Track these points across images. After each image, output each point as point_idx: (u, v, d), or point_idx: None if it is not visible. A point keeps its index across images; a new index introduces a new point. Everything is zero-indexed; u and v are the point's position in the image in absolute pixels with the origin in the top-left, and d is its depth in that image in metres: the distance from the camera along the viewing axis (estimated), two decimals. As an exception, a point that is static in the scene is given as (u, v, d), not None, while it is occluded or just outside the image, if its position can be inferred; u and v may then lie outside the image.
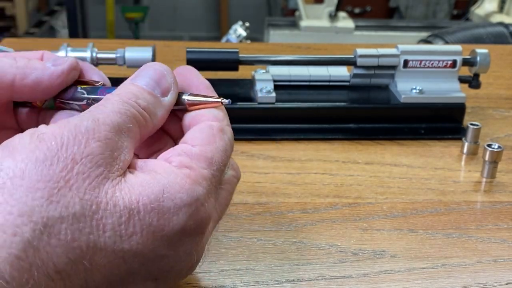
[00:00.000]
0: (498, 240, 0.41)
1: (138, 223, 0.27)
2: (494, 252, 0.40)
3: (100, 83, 0.34)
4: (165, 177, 0.28)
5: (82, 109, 0.33)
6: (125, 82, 0.32)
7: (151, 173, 0.29)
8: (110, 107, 0.29)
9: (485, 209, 0.45)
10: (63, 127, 0.27)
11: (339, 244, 0.40)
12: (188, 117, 0.33)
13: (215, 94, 0.34)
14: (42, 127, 0.28)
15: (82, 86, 0.34)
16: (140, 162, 0.30)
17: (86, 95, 0.33)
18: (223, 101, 0.33)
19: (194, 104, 0.33)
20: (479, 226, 0.43)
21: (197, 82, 0.34)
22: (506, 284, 0.37)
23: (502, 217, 0.44)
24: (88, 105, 0.33)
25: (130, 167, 0.29)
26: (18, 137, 0.27)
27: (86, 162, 0.27)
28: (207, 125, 0.32)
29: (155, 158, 0.32)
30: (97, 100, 0.32)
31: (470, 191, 0.48)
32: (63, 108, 0.34)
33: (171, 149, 0.31)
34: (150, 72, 0.32)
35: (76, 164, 0.26)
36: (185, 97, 0.33)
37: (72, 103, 0.33)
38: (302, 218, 0.43)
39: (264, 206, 0.44)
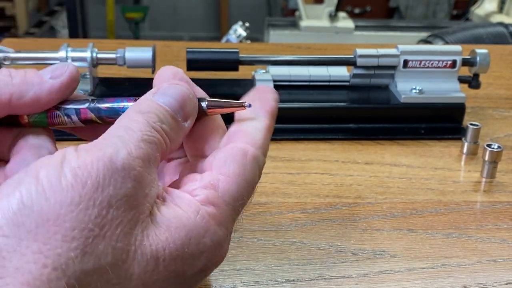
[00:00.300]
0: (497, 240, 0.42)
1: (163, 270, 0.26)
2: (494, 252, 0.40)
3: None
4: (191, 219, 0.27)
5: (79, 117, 0.31)
6: (147, 96, 0.29)
7: (177, 210, 0.27)
8: (139, 133, 0.27)
9: (484, 209, 0.45)
10: (96, 160, 0.25)
11: (339, 244, 0.40)
12: (212, 133, 0.31)
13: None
14: (71, 154, 0.25)
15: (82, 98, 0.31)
16: (163, 193, 0.28)
17: (89, 101, 0.31)
18: (245, 104, 0.31)
19: (215, 107, 0.31)
20: (479, 226, 0.43)
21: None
22: (506, 284, 0.37)
23: (502, 217, 0.44)
24: (91, 110, 0.31)
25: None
26: (46, 166, 0.25)
27: (121, 205, 0.25)
28: (241, 151, 0.29)
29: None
30: (105, 107, 0.30)
31: (470, 191, 0.48)
32: (54, 124, 0.31)
33: (198, 178, 0.29)
34: (174, 92, 0.29)
35: (111, 208, 0.24)
36: (205, 103, 0.31)
37: (70, 108, 0.31)
38: (302, 218, 0.43)
39: (264, 206, 0.44)
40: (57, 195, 0.24)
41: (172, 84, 0.30)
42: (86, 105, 0.31)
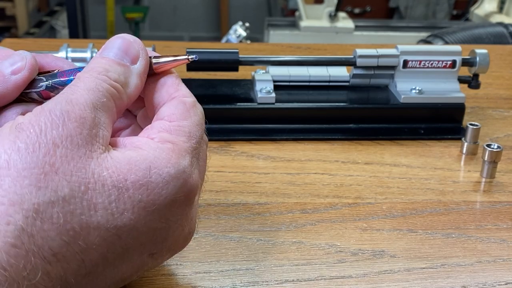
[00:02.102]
0: (497, 240, 0.42)
1: (128, 200, 0.28)
2: (493, 252, 0.40)
3: (56, 70, 0.34)
4: (151, 153, 0.29)
5: (43, 97, 0.33)
6: (94, 56, 0.32)
7: (136, 149, 0.29)
8: (82, 86, 0.29)
9: (484, 209, 0.45)
10: (38, 114, 0.28)
11: (338, 244, 0.40)
12: (157, 92, 0.33)
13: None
14: (19, 117, 0.28)
15: (40, 74, 0.33)
16: (122, 140, 0.31)
17: (44, 81, 0.33)
18: (190, 57, 0.33)
19: (161, 65, 0.33)
20: (479, 226, 0.43)
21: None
22: (506, 284, 0.37)
23: (502, 217, 0.44)
24: (49, 89, 0.33)
25: (114, 145, 0.30)
26: None
27: (67, 144, 0.27)
28: (181, 101, 0.32)
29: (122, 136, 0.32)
30: (58, 84, 0.32)
31: (469, 191, 0.48)
32: (22, 101, 0.33)
33: (149, 126, 0.31)
34: (117, 43, 0.32)
35: (58, 147, 0.27)
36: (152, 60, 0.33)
37: (31, 92, 0.33)
38: (302, 218, 0.43)
39: (264, 206, 0.45)
40: (6, 146, 0.26)
41: (113, 37, 0.33)
42: (44, 87, 0.33)
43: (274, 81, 0.58)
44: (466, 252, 0.40)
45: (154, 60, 0.33)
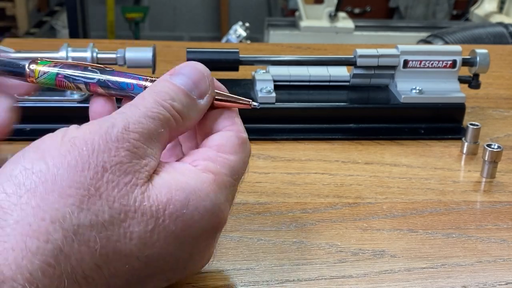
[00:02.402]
0: (497, 240, 0.42)
1: (163, 231, 0.28)
2: (493, 252, 0.40)
3: (111, 68, 0.33)
4: (191, 183, 0.29)
5: (90, 89, 0.32)
6: (163, 77, 0.31)
7: (177, 176, 0.29)
8: (143, 110, 0.29)
9: (484, 209, 0.45)
10: (94, 133, 0.27)
11: (339, 244, 0.40)
12: (212, 120, 0.32)
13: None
14: (73, 129, 0.28)
15: (93, 66, 0.33)
16: (165, 164, 0.30)
17: (98, 74, 0.32)
18: (252, 103, 0.33)
19: (222, 101, 0.32)
20: (479, 226, 0.43)
21: (217, 84, 0.34)
22: (506, 284, 0.37)
23: (502, 217, 0.44)
24: (100, 84, 0.32)
25: (156, 168, 0.29)
26: (48, 139, 0.27)
27: (115, 170, 0.27)
28: (235, 135, 0.32)
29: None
30: (112, 83, 0.31)
31: (469, 191, 0.48)
32: (61, 86, 0.32)
33: (195, 152, 0.31)
34: (189, 71, 0.31)
35: (106, 172, 0.26)
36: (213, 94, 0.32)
37: (79, 79, 0.32)
38: (302, 218, 0.43)
39: (264, 206, 0.44)
40: (55, 159, 0.26)
41: (188, 64, 0.32)
42: (96, 79, 0.32)
43: (274, 81, 0.58)
44: (466, 252, 0.40)
45: (217, 96, 0.32)
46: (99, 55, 0.55)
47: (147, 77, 0.32)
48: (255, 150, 0.53)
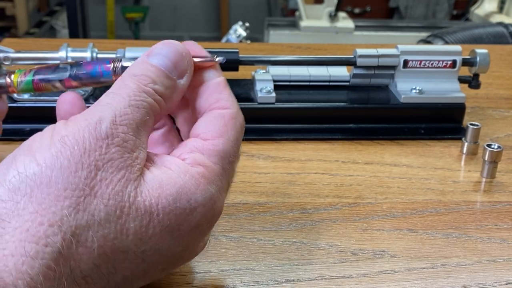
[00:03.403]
0: (497, 240, 0.42)
1: (157, 225, 0.28)
2: (493, 252, 0.40)
3: (82, 61, 0.34)
4: (181, 178, 0.29)
5: (65, 85, 0.33)
6: (140, 59, 0.31)
7: (167, 171, 0.29)
8: (127, 98, 0.28)
9: (484, 209, 0.45)
10: (83, 130, 0.27)
11: (339, 244, 0.40)
12: (198, 100, 0.32)
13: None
14: (60, 126, 0.28)
15: (64, 63, 0.33)
16: (154, 157, 0.30)
17: (69, 69, 0.32)
18: (217, 59, 0.32)
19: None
20: (479, 226, 0.43)
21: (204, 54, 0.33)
22: (506, 284, 0.37)
23: (502, 217, 0.44)
24: (72, 79, 0.32)
25: (146, 161, 0.29)
26: (38, 138, 0.27)
27: (108, 167, 0.27)
28: (219, 115, 0.31)
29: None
30: (83, 74, 0.32)
31: (469, 191, 0.48)
32: (41, 89, 0.33)
33: (183, 145, 0.31)
34: (167, 51, 0.31)
35: (99, 170, 0.26)
36: None
37: (54, 80, 0.33)
38: (302, 218, 0.43)
39: (264, 206, 0.44)
40: (47, 161, 0.26)
41: (165, 43, 0.31)
42: (68, 75, 0.32)
43: (274, 81, 0.58)
44: (466, 252, 0.40)
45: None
46: (99, 55, 0.55)
47: (113, 59, 0.32)
48: (255, 150, 0.53)
